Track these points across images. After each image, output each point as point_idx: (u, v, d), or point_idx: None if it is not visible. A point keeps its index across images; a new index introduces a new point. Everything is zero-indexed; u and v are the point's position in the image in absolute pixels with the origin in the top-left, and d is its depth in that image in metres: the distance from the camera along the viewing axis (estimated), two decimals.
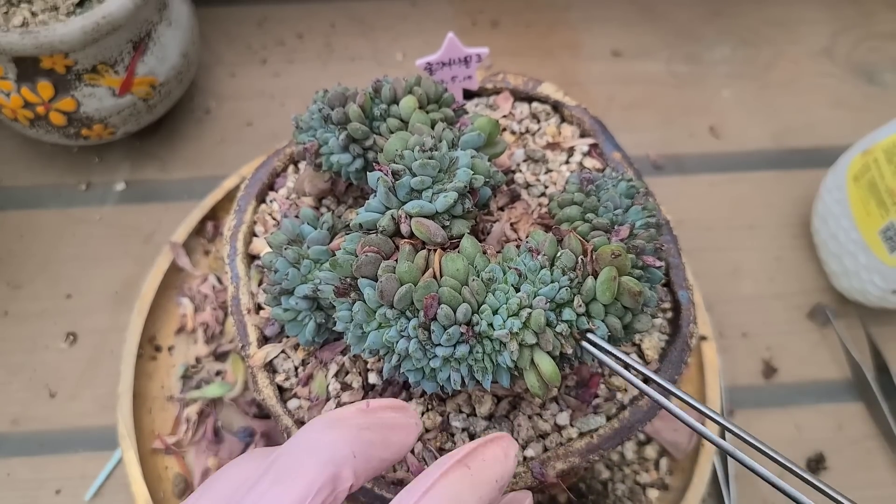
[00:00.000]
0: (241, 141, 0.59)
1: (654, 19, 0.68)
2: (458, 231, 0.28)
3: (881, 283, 0.48)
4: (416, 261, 0.27)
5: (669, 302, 0.36)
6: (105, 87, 0.49)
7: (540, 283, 0.27)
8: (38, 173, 0.57)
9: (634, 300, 0.26)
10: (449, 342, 0.25)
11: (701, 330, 0.49)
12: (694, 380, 0.47)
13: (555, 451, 0.32)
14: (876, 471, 0.48)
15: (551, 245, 0.27)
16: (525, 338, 0.26)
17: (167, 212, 0.55)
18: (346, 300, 0.27)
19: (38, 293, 0.52)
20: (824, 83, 0.64)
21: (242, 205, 0.39)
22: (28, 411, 0.48)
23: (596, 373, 0.34)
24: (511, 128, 0.41)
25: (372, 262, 0.26)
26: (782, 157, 0.60)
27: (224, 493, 0.22)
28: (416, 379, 0.27)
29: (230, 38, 0.65)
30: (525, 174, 0.38)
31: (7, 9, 0.45)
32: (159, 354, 0.48)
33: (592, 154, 0.39)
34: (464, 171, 0.29)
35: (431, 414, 0.33)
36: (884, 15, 0.68)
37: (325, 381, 0.33)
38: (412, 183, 0.28)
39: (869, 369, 0.50)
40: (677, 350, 0.35)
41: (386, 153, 0.30)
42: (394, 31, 0.66)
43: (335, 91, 0.33)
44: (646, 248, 0.28)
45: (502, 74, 0.42)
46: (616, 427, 0.33)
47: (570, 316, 0.26)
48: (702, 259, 0.55)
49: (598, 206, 0.31)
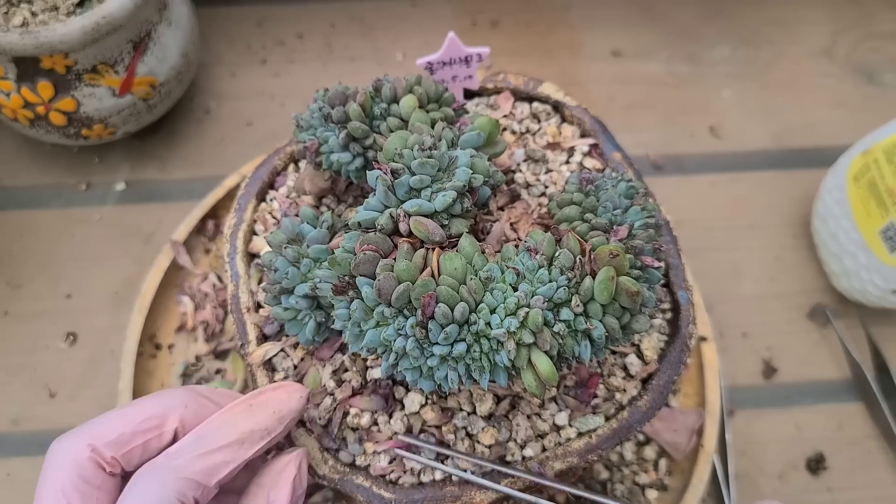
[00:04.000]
0: (241, 141, 0.59)
1: (654, 19, 0.68)
2: (456, 230, 0.28)
3: (881, 283, 0.48)
4: (414, 259, 0.27)
5: (669, 302, 0.36)
6: (105, 87, 0.49)
7: (538, 283, 0.27)
8: (38, 173, 0.57)
9: (632, 300, 0.26)
10: (446, 341, 0.25)
11: (701, 330, 0.49)
12: (694, 381, 0.47)
13: (553, 450, 0.32)
14: (876, 471, 0.48)
15: (549, 245, 0.27)
16: (522, 337, 0.26)
17: (167, 212, 0.55)
18: (345, 298, 0.27)
19: (38, 293, 0.52)
20: (824, 83, 0.64)
21: (243, 203, 0.39)
22: (28, 411, 0.48)
23: (595, 373, 0.34)
24: (511, 127, 0.41)
25: (370, 260, 0.26)
26: (782, 157, 0.60)
27: None
28: (414, 378, 0.27)
29: (230, 38, 0.65)
30: (525, 174, 0.38)
31: (7, 9, 0.45)
32: (159, 352, 0.49)
33: (593, 154, 0.39)
34: (463, 170, 0.29)
35: (434, 408, 0.33)
36: (884, 15, 0.68)
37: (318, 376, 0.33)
38: (411, 182, 0.28)
39: (869, 369, 0.50)
40: (676, 351, 0.35)
41: (385, 152, 0.30)
42: (394, 31, 0.66)
43: (336, 90, 0.33)
44: (644, 248, 0.28)
45: (503, 74, 0.42)
46: (615, 427, 0.33)
47: (567, 316, 0.26)
48: (702, 259, 0.55)
49: (598, 207, 0.31)
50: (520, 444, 0.32)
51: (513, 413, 0.33)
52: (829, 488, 0.47)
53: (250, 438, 0.28)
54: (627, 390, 0.34)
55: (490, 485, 0.31)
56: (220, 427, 0.28)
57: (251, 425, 0.28)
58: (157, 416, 0.28)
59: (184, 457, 0.26)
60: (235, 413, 0.28)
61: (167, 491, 0.25)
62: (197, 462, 0.26)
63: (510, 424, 0.33)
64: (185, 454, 0.27)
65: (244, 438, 0.28)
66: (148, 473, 0.26)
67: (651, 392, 0.34)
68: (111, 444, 0.27)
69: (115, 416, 0.28)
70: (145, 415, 0.28)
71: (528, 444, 0.32)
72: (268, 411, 0.29)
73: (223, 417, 0.28)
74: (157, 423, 0.28)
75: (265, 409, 0.29)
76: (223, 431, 0.28)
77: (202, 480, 0.26)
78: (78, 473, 0.26)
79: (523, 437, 0.32)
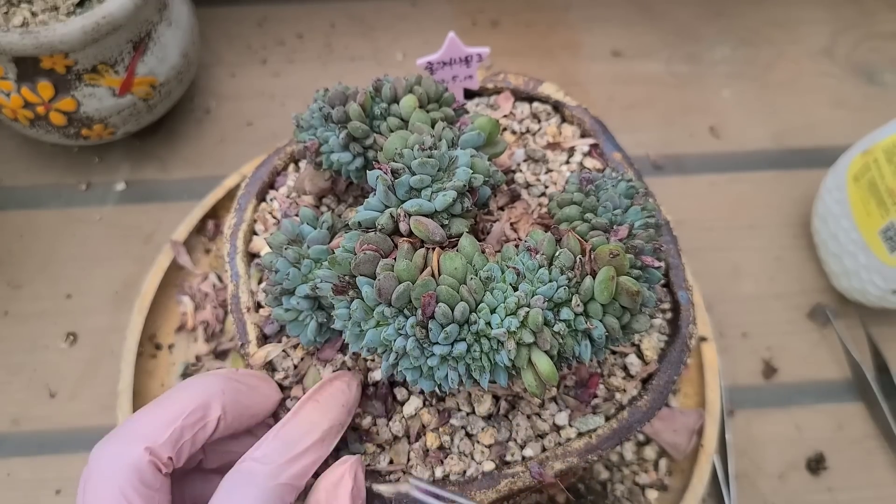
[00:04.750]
0: (241, 141, 0.59)
1: (654, 19, 0.68)
2: (456, 230, 0.28)
3: (881, 283, 0.48)
4: (414, 259, 0.27)
5: (669, 302, 0.36)
6: (105, 87, 0.49)
7: (538, 283, 0.27)
8: (38, 173, 0.57)
9: (632, 300, 0.26)
10: (446, 340, 0.25)
11: (701, 330, 0.49)
12: (694, 381, 0.47)
13: (553, 451, 0.32)
14: (876, 471, 0.48)
15: (549, 244, 0.27)
16: (523, 337, 0.26)
17: (167, 212, 0.55)
18: (345, 298, 0.27)
19: (38, 293, 0.52)
20: (824, 83, 0.64)
21: (243, 203, 0.39)
22: (28, 411, 0.48)
23: (595, 373, 0.34)
24: (512, 127, 0.41)
25: (370, 260, 0.26)
26: (782, 157, 0.60)
27: None
28: (414, 377, 0.27)
29: (230, 38, 0.65)
30: (525, 174, 0.38)
31: (7, 9, 0.45)
32: (159, 352, 0.49)
33: (593, 154, 0.39)
34: (463, 170, 0.29)
35: (431, 410, 0.33)
36: (884, 15, 0.68)
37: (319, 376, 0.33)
38: (411, 181, 0.28)
39: (869, 369, 0.50)
40: (676, 351, 0.35)
41: (385, 152, 0.30)
42: (394, 31, 0.66)
43: (336, 90, 0.33)
44: (644, 248, 0.28)
45: (503, 74, 0.42)
46: (615, 427, 0.33)
47: (568, 315, 0.26)
48: (702, 259, 0.55)
49: (598, 206, 0.31)
50: (520, 444, 0.32)
51: (512, 413, 0.33)
52: (829, 488, 0.47)
53: (329, 434, 0.28)
54: (627, 390, 0.34)
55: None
56: (300, 427, 0.28)
57: (328, 422, 0.28)
58: (200, 406, 0.28)
59: (275, 461, 0.26)
60: (309, 411, 0.28)
61: (269, 496, 0.25)
62: (290, 467, 0.26)
63: (510, 424, 0.33)
64: (275, 459, 0.26)
65: (325, 436, 0.28)
66: (244, 479, 0.26)
67: (651, 392, 0.34)
68: (166, 445, 0.26)
69: (157, 413, 0.27)
70: (189, 407, 0.27)
71: (528, 444, 0.32)
72: (337, 404, 0.29)
73: (300, 417, 0.28)
74: (202, 415, 0.27)
75: (334, 402, 0.29)
76: (306, 432, 0.28)
77: (296, 484, 0.26)
78: (139, 479, 0.25)
79: (523, 437, 0.32)
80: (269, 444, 0.27)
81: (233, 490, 0.26)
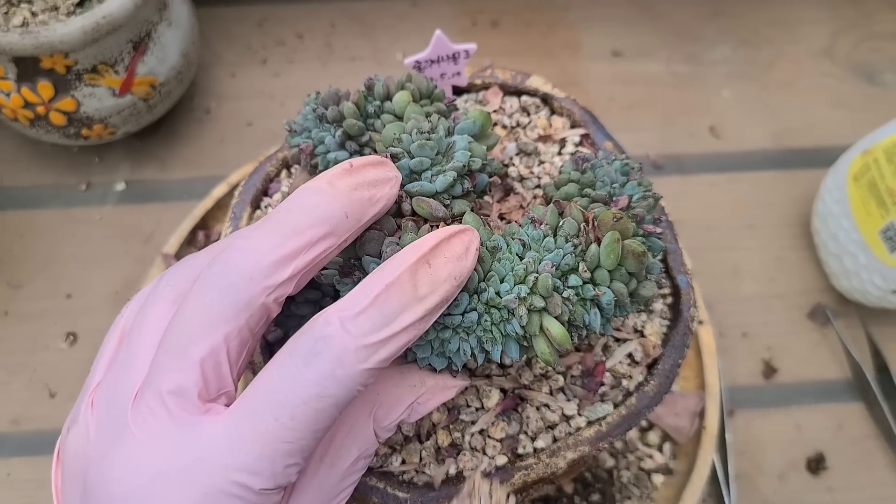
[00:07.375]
0: (241, 141, 0.59)
1: (654, 19, 0.68)
2: (459, 210, 0.29)
3: (881, 283, 0.48)
4: (419, 234, 0.27)
5: (669, 287, 0.37)
6: (105, 87, 0.49)
7: (544, 251, 0.27)
8: (38, 173, 0.57)
9: (639, 262, 0.26)
10: (457, 310, 0.25)
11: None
12: (692, 364, 0.48)
13: (565, 440, 0.32)
14: (876, 471, 0.48)
15: (553, 215, 0.28)
16: (533, 302, 0.26)
17: (167, 212, 0.55)
18: (350, 280, 0.27)
19: (38, 293, 0.52)
20: (824, 83, 0.64)
21: (237, 211, 0.39)
22: (28, 411, 0.48)
23: (601, 361, 0.34)
24: (502, 122, 0.41)
25: (375, 238, 0.26)
26: (782, 157, 0.60)
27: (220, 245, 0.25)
28: (425, 354, 0.27)
29: (230, 38, 0.65)
30: (518, 167, 0.38)
31: (7, 9, 0.45)
32: None
33: (584, 144, 0.39)
34: (462, 152, 0.29)
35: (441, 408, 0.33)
36: (884, 15, 0.68)
37: None
38: (411, 164, 0.28)
39: (869, 369, 0.50)
40: (679, 334, 0.35)
41: (384, 139, 0.30)
42: (394, 31, 0.66)
43: (328, 92, 0.34)
44: (645, 217, 0.29)
45: (490, 69, 0.42)
46: (624, 414, 0.33)
47: (576, 282, 0.26)
48: (702, 259, 0.55)
49: (595, 182, 0.31)
50: (531, 435, 0.32)
51: (522, 406, 0.33)
52: (829, 488, 0.47)
53: (432, 314, 0.23)
54: (633, 377, 0.34)
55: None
56: (402, 298, 0.22)
57: (437, 297, 0.23)
58: (322, 239, 0.23)
59: (368, 337, 0.21)
60: (418, 278, 0.23)
61: (349, 375, 0.21)
62: (382, 349, 0.21)
63: (520, 417, 0.33)
64: (368, 332, 0.21)
65: (427, 313, 0.22)
66: (325, 342, 0.21)
67: (657, 377, 0.34)
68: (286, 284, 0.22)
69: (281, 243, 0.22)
70: (313, 239, 0.23)
71: (539, 436, 0.32)
72: (448, 277, 0.23)
73: (402, 283, 0.22)
74: (322, 250, 0.23)
75: (445, 271, 0.23)
76: (407, 305, 0.22)
77: (378, 372, 0.22)
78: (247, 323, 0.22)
79: (534, 428, 0.33)
80: (367, 311, 0.21)
81: (311, 358, 0.21)
